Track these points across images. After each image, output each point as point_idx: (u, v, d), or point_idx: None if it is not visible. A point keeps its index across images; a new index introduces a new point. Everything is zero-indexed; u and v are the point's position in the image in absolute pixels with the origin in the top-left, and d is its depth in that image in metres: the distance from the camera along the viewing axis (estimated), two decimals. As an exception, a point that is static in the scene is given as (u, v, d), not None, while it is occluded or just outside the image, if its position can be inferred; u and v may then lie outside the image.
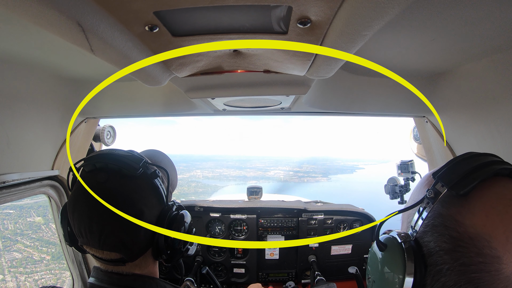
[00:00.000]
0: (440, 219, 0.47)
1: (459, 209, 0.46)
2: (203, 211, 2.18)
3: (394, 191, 2.05)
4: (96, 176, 0.74)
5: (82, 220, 0.72)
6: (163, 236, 0.78)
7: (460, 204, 0.46)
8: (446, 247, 0.45)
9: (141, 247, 0.77)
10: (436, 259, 0.46)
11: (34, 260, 5.55)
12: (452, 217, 0.46)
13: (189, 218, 0.90)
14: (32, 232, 6.00)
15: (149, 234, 0.77)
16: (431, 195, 0.50)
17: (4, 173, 1.18)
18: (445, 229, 0.46)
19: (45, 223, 6.09)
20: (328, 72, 0.91)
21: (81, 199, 0.73)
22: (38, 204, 5.86)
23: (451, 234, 0.45)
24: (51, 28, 0.58)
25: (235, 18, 0.66)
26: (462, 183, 0.47)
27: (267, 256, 2.19)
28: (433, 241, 0.47)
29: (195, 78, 1.07)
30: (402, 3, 0.52)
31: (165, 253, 0.80)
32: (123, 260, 0.75)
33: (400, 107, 1.59)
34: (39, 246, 5.81)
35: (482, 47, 0.95)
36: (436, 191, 0.49)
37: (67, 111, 1.56)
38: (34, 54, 1.06)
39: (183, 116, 1.89)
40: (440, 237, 0.46)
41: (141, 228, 0.74)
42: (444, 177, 0.50)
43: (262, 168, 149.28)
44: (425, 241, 0.49)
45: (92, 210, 0.71)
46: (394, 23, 0.80)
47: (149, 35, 0.70)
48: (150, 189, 0.79)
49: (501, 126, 1.11)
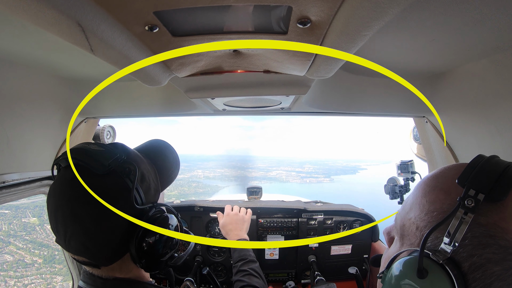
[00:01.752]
0: (480, 229, 0.43)
1: (501, 216, 0.43)
2: (203, 211, 2.18)
3: (394, 191, 2.05)
4: (65, 172, 0.70)
5: (51, 218, 0.69)
6: (134, 243, 0.70)
7: (500, 210, 0.43)
8: (495, 258, 0.41)
9: (109, 252, 0.70)
10: (483, 273, 0.41)
11: (25, 263, 5.44)
12: (496, 224, 0.42)
13: (175, 221, 0.81)
14: (25, 234, 5.88)
15: (118, 238, 0.70)
16: (471, 205, 0.43)
17: (4, 173, 1.18)
18: (491, 239, 0.42)
19: (40, 224, 5.98)
20: (328, 72, 0.91)
21: (50, 197, 0.70)
22: (35, 204, 5.77)
23: (499, 243, 0.41)
24: (51, 28, 0.58)
25: (235, 18, 0.66)
26: (499, 188, 0.44)
27: (267, 256, 2.19)
28: (477, 255, 0.42)
29: (195, 78, 1.07)
30: (402, 3, 0.52)
31: (138, 262, 0.72)
32: (92, 264, 0.71)
33: (400, 107, 1.59)
34: (31, 249, 5.72)
35: (482, 47, 0.95)
36: (475, 199, 0.44)
37: (67, 111, 1.56)
38: (34, 54, 1.06)
39: (183, 116, 1.89)
40: (487, 249, 0.41)
41: (105, 233, 0.68)
42: (477, 183, 0.45)
43: (264, 169, 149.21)
44: (464, 256, 0.43)
45: (57, 210, 0.68)
46: (394, 23, 0.80)
47: (149, 35, 0.70)
48: (119, 190, 0.70)
49: (501, 126, 1.11)
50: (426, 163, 1.83)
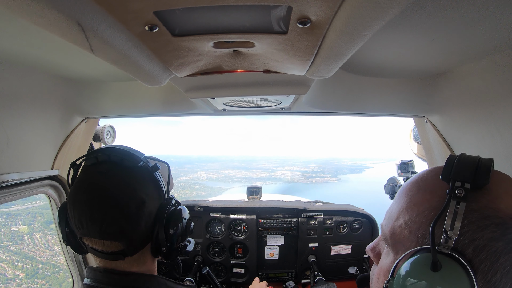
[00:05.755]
0: (475, 213, 0.47)
1: (488, 198, 0.47)
2: (203, 211, 2.18)
3: (394, 191, 2.05)
4: (97, 168, 0.76)
5: (82, 210, 0.72)
6: (163, 229, 0.78)
7: (486, 193, 0.48)
8: (495, 236, 0.45)
9: (141, 239, 0.77)
10: (488, 252, 0.45)
11: (6, 278, 5.19)
12: (487, 206, 0.47)
13: (187, 214, 0.91)
14: (12, 244, 5.64)
15: (149, 225, 0.77)
16: (461, 194, 0.47)
17: (4, 173, 1.18)
18: (487, 220, 0.46)
19: (29, 233, 5.77)
20: (328, 72, 0.91)
21: (82, 190, 0.74)
22: (27, 211, 5.58)
23: (494, 222, 0.45)
24: (51, 28, 0.58)
25: (235, 18, 0.66)
26: (480, 175, 0.48)
27: (267, 256, 2.19)
28: (478, 237, 0.45)
29: (195, 78, 1.07)
30: (402, 3, 0.52)
31: (165, 246, 0.79)
32: (123, 252, 0.75)
33: (400, 107, 1.59)
34: (15, 261, 5.50)
35: (482, 47, 0.95)
36: (464, 189, 0.48)
37: (67, 111, 1.56)
38: (34, 54, 1.06)
39: (183, 116, 1.89)
40: (485, 230, 0.45)
41: (141, 217, 0.75)
42: (461, 175, 0.49)
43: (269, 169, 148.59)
44: (465, 242, 0.46)
45: (93, 199, 0.72)
46: (394, 24, 0.80)
47: (149, 35, 0.70)
48: (151, 181, 0.80)
49: (501, 126, 1.11)
50: (426, 163, 1.83)
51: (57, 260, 5.43)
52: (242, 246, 2.19)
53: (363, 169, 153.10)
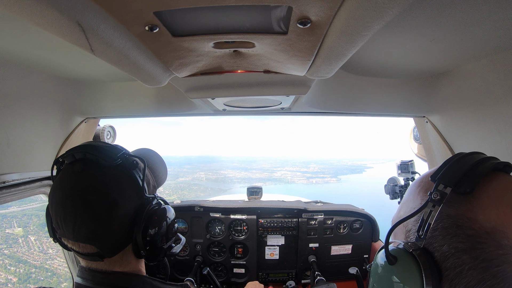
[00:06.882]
0: (449, 220, 0.46)
1: (469, 207, 0.46)
2: (203, 211, 2.18)
3: (394, 191, 2.05)
4: (73, 166, 0.74)
5: (58, 210, 0.71)
6: (141, 231, 0.75)
7: (468, 201, 0.46)
8: (463, 247, 0.43)
9: (116, 241, 0.74)
10: (453, 262, 0.44)
11: None
12: (464, 215, 0.45)
13: (172, 214, 0.87)
14: (6, 247, 5.50)
15: (125, 226, 0.74)
16: (437, 197, 0.48)
17: (4, 173, 1.18)
18: (459, 229, 0.45)
19: (23, 235, 5.62)
20: (328, 72, 0.91)
21: (58, 189, 0.73)
22: (23, 213, 5.45)
23: (466, 232, 0.44)
24: (51, 28, 0.58)
25: (235, 18, 0.66)
26: (466, 181, 0.47)
27: (267, 256, 2.19)
28: (446, 244, 0.45)
29: (195, 78, 1.07)
30: (402, 3, 0.52)
31: (143, 249, 0.76)
32: (99, 254, 0.73)
33: (400, 107, 1.59)
34: (7, 265, 5.37)
35: (482, 47, 0.95)
36: (441, 192, 0.48)
37: (67, 111, 1.56)
38: (34, 54, 1.06)
39: (183, 116, 1.89)
40: (454, 238, 0.45)
41: (115, 219, 0.72)
42: (446, 178, 0.49)
43: (269, 169, 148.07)
44: (435, 246, 0.47)
45: (66, 199, 0.70)
46: (394, 24, 0.80)
47: (149, 35, 0.70)
48: (128, 180, 0.76)
49: (501, 126, 1.11)
50: (426, 163, 1.83)
51: (51, 264, 5.30)
52: (242, 246, 2.19)
53: (363, 169, 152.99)
